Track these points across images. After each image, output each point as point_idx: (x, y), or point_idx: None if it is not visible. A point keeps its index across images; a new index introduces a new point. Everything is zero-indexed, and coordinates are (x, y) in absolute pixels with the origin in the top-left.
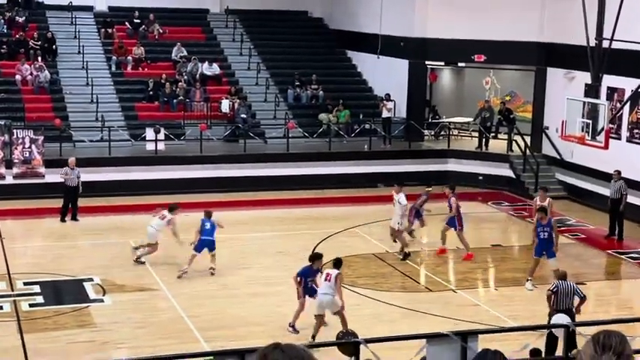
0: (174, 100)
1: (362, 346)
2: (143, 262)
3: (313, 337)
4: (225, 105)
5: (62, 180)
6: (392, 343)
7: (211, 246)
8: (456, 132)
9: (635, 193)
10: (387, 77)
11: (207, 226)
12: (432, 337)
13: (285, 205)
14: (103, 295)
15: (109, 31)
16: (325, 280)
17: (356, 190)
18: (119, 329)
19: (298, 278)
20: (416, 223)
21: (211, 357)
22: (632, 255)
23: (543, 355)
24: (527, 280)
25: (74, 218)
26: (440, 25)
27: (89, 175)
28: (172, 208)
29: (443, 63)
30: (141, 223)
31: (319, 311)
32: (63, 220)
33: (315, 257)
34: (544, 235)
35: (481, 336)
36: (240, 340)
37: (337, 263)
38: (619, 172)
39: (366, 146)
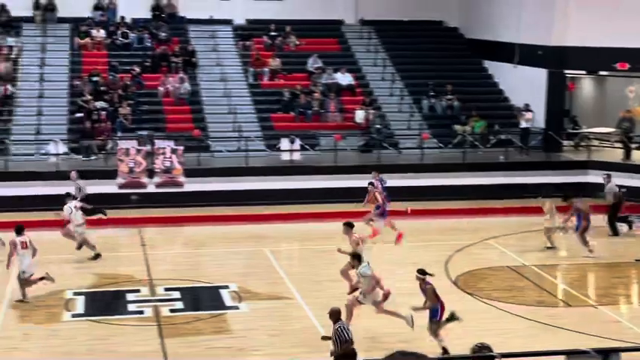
0: (309, 111)
1: None
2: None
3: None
4: (360, 115)
5: None
6: (528, 359)
7: None
8: (596, 142)
9: None
10: (523, 87)
11: None
12: (571, 354)
13: (421, 216)
14: (239, 303)
15: (247, 43)
16: (23, 248)
17: (491, 202)
18: (254, 336)
19: None
20: None
21: None
22: None
23: None
24: None
25: None
26: (580, 32)
27: (227, 184)
28: None
29: (584, 72)
30: (277, 232)
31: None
32: None
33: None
34: None
35: (624, 354)
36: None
37: (18, 230)
38: None
39: (502, 157)
